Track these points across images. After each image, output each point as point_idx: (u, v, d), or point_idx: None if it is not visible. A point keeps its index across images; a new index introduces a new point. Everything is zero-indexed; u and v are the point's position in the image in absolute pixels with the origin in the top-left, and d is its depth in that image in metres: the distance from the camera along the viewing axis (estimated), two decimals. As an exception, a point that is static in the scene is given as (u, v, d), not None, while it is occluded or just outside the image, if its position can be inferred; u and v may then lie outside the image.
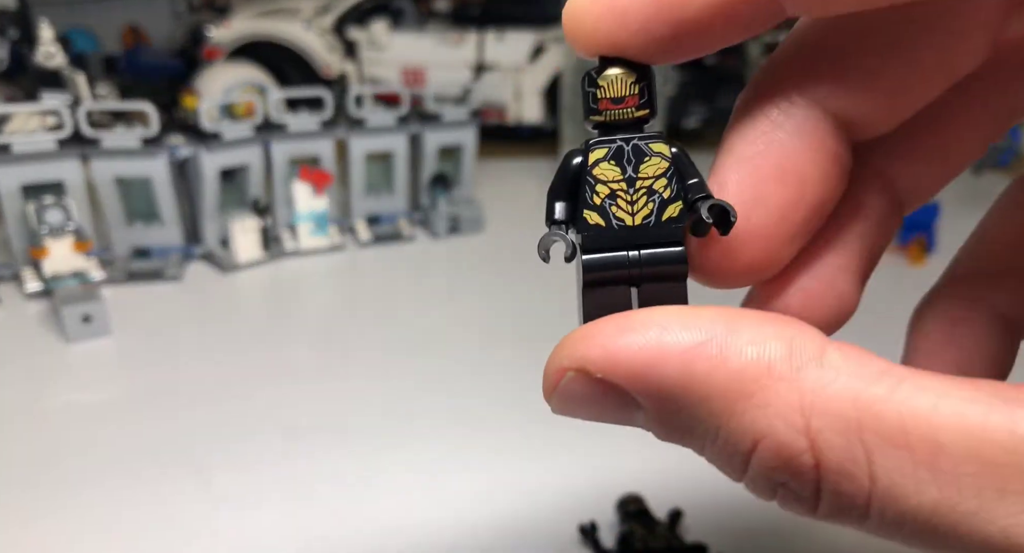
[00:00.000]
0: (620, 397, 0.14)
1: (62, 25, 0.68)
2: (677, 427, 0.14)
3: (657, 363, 0.13)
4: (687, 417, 0.13)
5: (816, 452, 0.12)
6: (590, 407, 0.14)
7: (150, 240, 0.57)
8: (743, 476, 0.13)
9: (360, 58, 0.83)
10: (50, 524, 0.33)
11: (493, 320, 0.51)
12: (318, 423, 0.40)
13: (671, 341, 0.13)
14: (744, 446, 0.13)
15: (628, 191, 0.15)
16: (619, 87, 0.15)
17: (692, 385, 0.13)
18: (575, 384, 0.14)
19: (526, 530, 0.33)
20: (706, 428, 0.13)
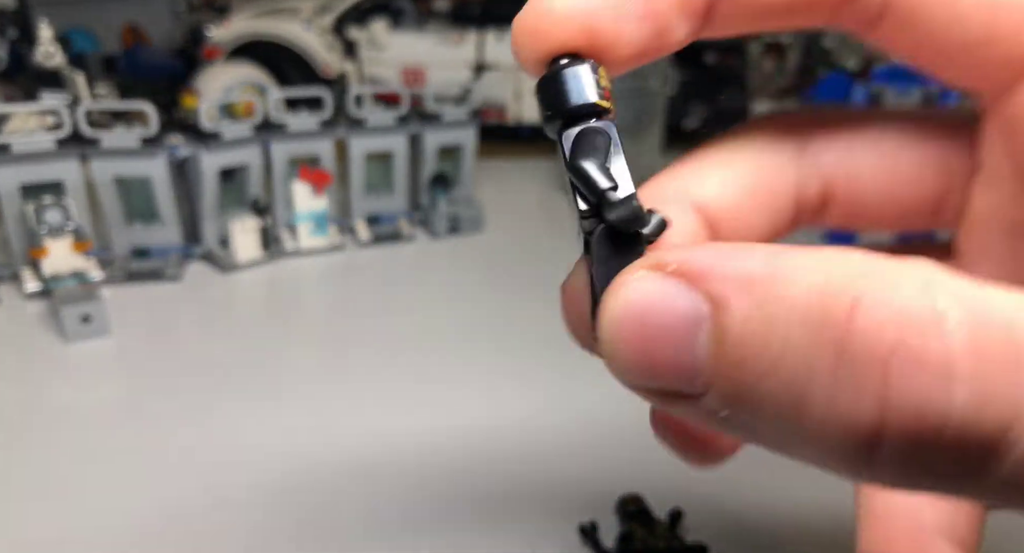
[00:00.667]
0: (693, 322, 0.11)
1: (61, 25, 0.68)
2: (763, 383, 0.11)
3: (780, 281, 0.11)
4: (791, 370, 0.10)
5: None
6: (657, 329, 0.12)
7: (149, 240, 0.57)
8: (865, 458, 0.10)
9: (360, 58, 0.83)
10: (48, 523, 0.33)
11: (493, 320, 0.51)
12: (318, 422, 0.40)
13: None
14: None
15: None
16: (605, 78, 0.15)
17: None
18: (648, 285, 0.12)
19: (526, 529, 0.33)
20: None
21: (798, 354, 0.10)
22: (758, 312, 0.11)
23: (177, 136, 0.56)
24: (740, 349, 0.11)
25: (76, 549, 0.32)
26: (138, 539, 0.32)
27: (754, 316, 0.11)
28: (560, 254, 0.60)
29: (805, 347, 0.10)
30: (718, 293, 0.11)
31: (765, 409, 0.11)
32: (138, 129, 0.54)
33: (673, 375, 0.12)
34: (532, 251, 0.62)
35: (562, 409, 0.41)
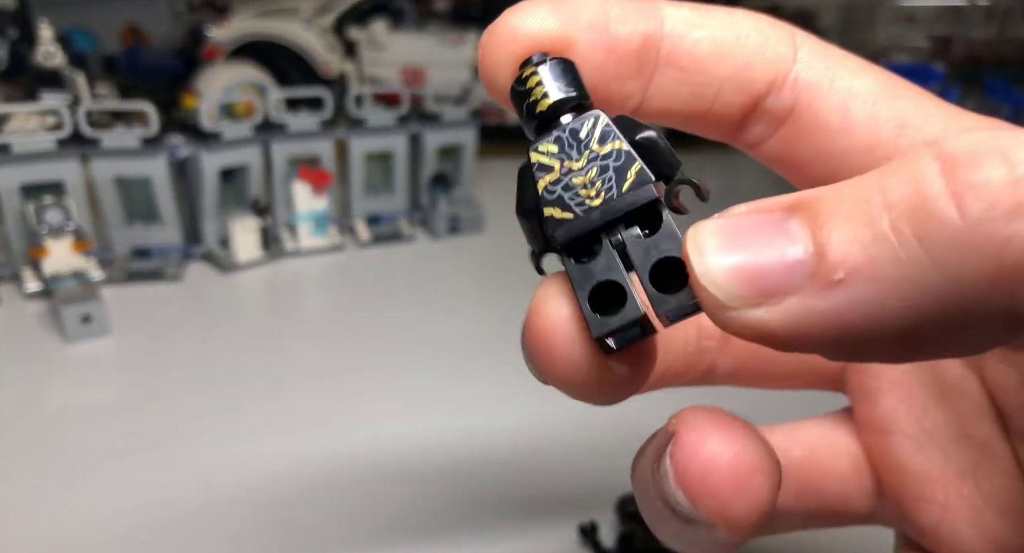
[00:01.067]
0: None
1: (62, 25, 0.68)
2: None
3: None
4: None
5: None
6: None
7: (150, 240, 0.57)
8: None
9: (360, 58, 0.83)
10: (48, 522, 0.33)
11: (493, 320, 0.51)
12: (318, 422, 0.40)
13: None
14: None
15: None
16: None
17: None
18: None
19: (526, 530, 0.33)
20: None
21: (903, 184, 0.11)
22: (839, 190, 0.12)
23: (177, 136, 0.56)
24: (837, 208, 0.12)
25: (76, 549, 0.32)
26: (138, 539, 0.32)
27: (837, 192, 0.12)
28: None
29: (908, 177, 0.11)
30: (790, 201, 0.12)
31: (886, 239, 0.11)
32: (138, 129, 0.54)
33: (778, 260, 0.12)
34: (532, 251, 0.62)
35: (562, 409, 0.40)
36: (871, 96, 0.16)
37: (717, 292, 0.12)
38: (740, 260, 0.12)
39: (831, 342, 0.12)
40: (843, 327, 0.11)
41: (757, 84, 0.16)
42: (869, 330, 0.11)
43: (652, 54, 0.16)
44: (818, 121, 0.16)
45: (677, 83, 0.16)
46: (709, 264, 0.12)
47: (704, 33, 0.16)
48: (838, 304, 0.11)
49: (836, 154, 0.16)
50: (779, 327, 0.12)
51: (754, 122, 0.17)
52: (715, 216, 0.13)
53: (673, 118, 0.17)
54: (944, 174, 0.11)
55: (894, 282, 0.11)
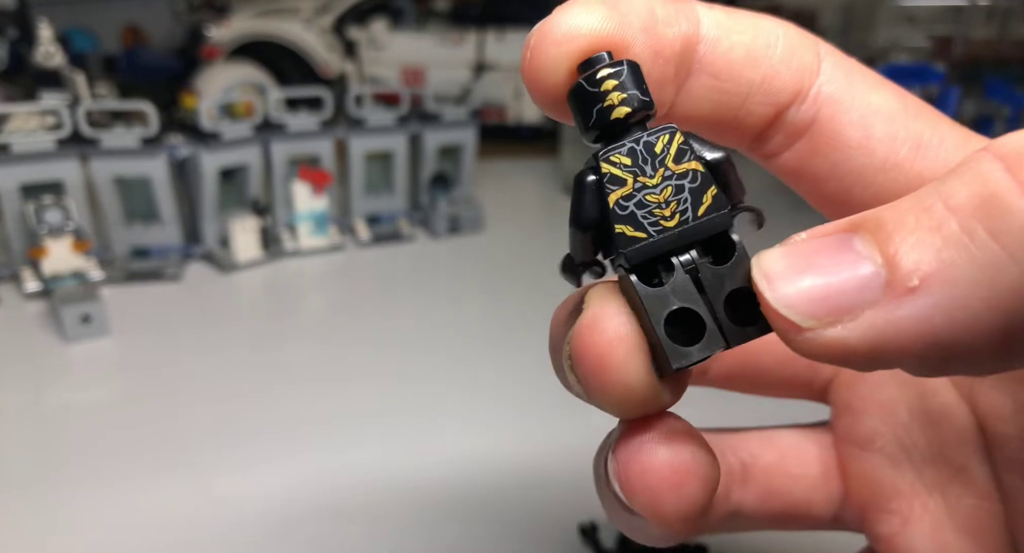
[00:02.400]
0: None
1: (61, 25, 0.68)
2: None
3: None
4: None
5: None
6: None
7: (149, 240, 0.57)
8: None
9: (360, 58, 0.83)
10: (49, 524, 0.33)
11: (493, 320, 0.51)
12: (318, 422, 0.40)
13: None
14: None
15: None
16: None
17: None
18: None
19: (526, 530, 0.33)
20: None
21: (967, 188, 0.11)
22: (902, 204, 0.12)
23: (177, 136, 0.56)
24: (904, 221, 0.12)
25: (75, 549, 0.32)
26: (137, 539, 0.32)
27: (899, 206, 0.12)
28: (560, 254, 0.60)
29: (971, 180, 0.11)
30: (854, 221, 0.12)
31: (959, 242, 0.11)
32: (138, 129, 0.54)
33: (850, 277, 0.12)
34: (532, 251, 0.62)
35: (562, 409, 0.41)
36: (890, 114, 0.16)
37: (792, 315, 0.12)
38: (811, 283, 0.12)
39: (915, 353, 0.11)
40: (925, 335, 0.11)
41: (783, 94, 0.16)
42: (954, 335, 0.11)
43: (690, 56, 0.15)
44: (838, 137, 0.16)
45: (708, 89, 0.16)
46: (780, 290, 0.12)
47: (738, 38, 0.16)
48: (918, 311, 0.11)
49: (853, 171, 0.16)
50: (859, 342, 0.12)
51: (774, 133, 0.17)
52: (777, 245, 0.13)
53: (697, 124, 0.17)
54: (1009, 170, 0.11)
55: (973, 282, 0.11)
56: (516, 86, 0.81)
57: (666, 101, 0.16)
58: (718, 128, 0.17)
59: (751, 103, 0.16)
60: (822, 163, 0.16)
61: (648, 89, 0.14)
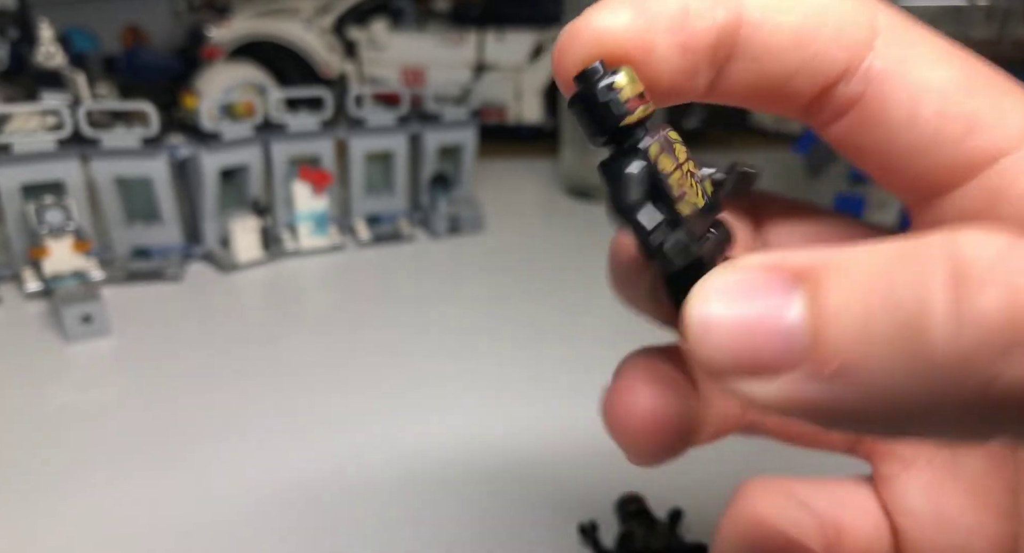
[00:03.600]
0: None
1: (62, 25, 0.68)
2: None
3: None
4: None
5: None
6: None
7: (150, 240, 0.57)
8: (990, 384, 0.10)
9: (360, 58, 0.83)
10: (49, 524, 0.33)
11: (493, 320, 0.51)
12: (318, 422, 0.40)
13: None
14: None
15: (684, 178, 0.15)
16: (635, 88, 0.15)
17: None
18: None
19: (526, 529, 0.33)
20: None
21: (908, 284, 0.11)
22: (848, 271, 0.11)
23: (178, 136, 0.56)
24: (840, 297, 0.11)
25: (75, 549, 0.32)
26: (138, 539, 0.32)
27: (845, 273, 0.11)
28: (560, 254, 0.61)
29: (913, 277, 0.11)
30: (800, 267, 0.12)
31: (879, 344, 0.11)
32: (139, 129, 0.54)
33: (774, 340, 0.12)
34: (532, 251, 0.62)
35: (562, 408, 0.41)
36: (944, 91, 0.15)
37: (713, 363, 0.12)
38: (740, 337, 0.12)
39: (816, 420, 0.12)
40: (829, 412, 0.12)
41: (830, 72, 0.16)
42: (854, 419, 0.12)
43: (727, 43, 0.16)
44: (883, 114, 0.16)
45: (750, 72, 0.16)
46: (709, 339, 0.12)
47: (783, 19, 0.15)
48: (827, 393, 0.12)
49: (897, 148, 0.16)
50: (768, 400, 0.12)
51: (822, 107, 0.17)
52: (726, 268, 0.13)
53: (736, 101, 0.17)
54: (948, 289, 0.10)
55: (882, 388, 0.11)
56: (516, 86, 0.81)
57: (700, 86, 0.16)
58: (760, 103, 0.17)
59: (795, 82, 0.16)
60: (867, 137, 0.16)
61: (644, 92, 0.15)
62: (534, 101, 0.82)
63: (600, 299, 0.56)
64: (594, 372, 0.46)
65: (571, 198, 0.72)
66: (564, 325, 0.49)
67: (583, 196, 0.72)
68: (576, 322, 0.50)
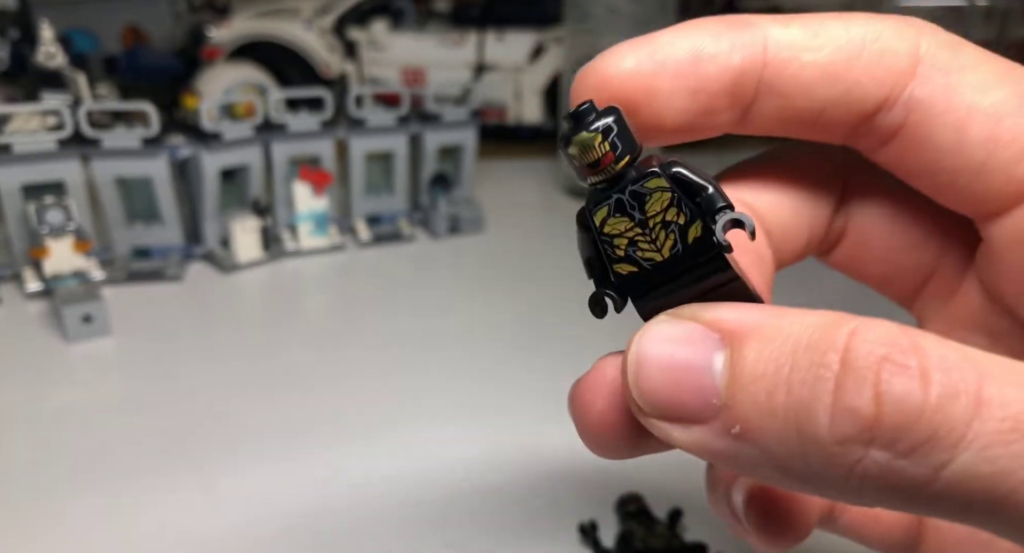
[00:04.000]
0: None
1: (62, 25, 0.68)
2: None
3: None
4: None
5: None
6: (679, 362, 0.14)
7: (150, 240, 0.57)
8: (860, 456, 0.12)
9: (360, 58, 0.83)
10: (49, 524, 0.33)
11: (493, 320, 0.51)
12: (318, 422, 0.40)
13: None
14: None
15: (645, 233, 0.15)
16: (591, 154, 0.15)
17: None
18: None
19: (526, 529, 0.33)
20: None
21: (806, 370, 0.13)
22: (767, 343, 0.13)
23: (178, 136, 0.56)
24: (754, 369, 0.13)
25: (75, 548, 0.32)
26: (138, 539, 0.32)
27: (764, 345, 0.13)
28: (560, 254, 0.61)
29: (811, 365, 0.13)
30: (730, 329, 0.14)
31: (776, 418, 0.13)
32: (139, 129, 0.54)
33: (695, 396, 0.14)
34: (532, 251, 0.62)
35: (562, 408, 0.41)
36: (995, 116, 0.15)
37: (641, 404, 0.14)
38: (667, 386, 0.14)
39: (723, 467, 0.15)
40: (733, 463, 0.14)
41: (866, 104, 0.16)
42: (753, 472, 0.14)
43: (749, 84, 0.16)
44: (929, 140, 0.16)
45: (778, 108, 0.16)
46: (642, 383, 0.14)
47: (811, 57, 0.16)
48: (732, 449, 0.13)
49: (945, 171, 0.16)
50: (682, 446, 0.14)
51: (862, 136, 0.17)
52: (669, 317, 0.15)
53: (770, 132, 0.17)
54: (836, 384, 0.12)
55: (773, 455, 0.13)
56: (516, 86, 0.81)
57: (725, 123, 0.16)
58: (798, 134, 0.17)
59: (829, 115, 0.16)
60: (914, 162, 0.16)
61: (632, 135, 0.15)
62: (534, 101, 0.82)
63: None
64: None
65: (571, 198, 0.72)
66: (564, 325, 0.49)
67: (583, 196, 0.72)
68: (576, 322, 0.50)
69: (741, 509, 0.19)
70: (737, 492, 0.19)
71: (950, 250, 0.19)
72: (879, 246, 0.19)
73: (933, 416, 0.12)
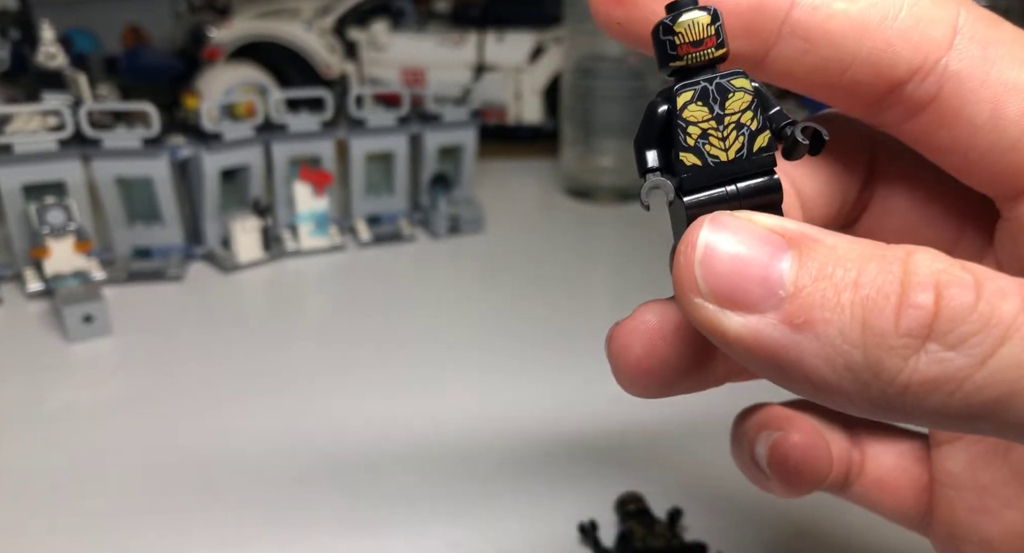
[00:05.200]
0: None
1: (63, 25, 0.68)
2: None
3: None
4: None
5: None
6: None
7: (151, 240, 0.57)
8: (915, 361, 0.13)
9: (360, 58, 0.83)
10: (50, 524, 0.33)
11: (493, 320, 0.51)
12: (319, 422, 0.40)
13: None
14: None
15: (718, 128, 0.15)
16: (697, 31, 0.15)
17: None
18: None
19: (526, 528, 0.33)
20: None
21: (874, 274, 0.13)
22: (831, 250, 0.14)
23: (178, 137, 0.56)
24: (822, 269, 0.13)
25: (75, 548, 0.32)
26: (138, 539, 0.33)
27: (829, 251, 0.14)
28: (560, 254, 0.61)
29: (878, 272, 0.13)
30: (793, 236, 0.14)
31: (843, 312, 0.13)
32: (140, 130, 0.54)
33: (760, 285, 0.14)
34: (532, 251, 0.62)
35: (562, 408, 0.41)
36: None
37: (700, 283, 0.14)
38: (731, 271, 0.14)
39: (760, 362, 0.14)
40: (778, 358, 0.14)
41: (897, 69, 0.15)
42: (793, 370, 0.14)
43: (771, 20, 0.16)
44: (963, 114, 0.16)
45: (800, 52, 0.16)
46: (708, 260, 0.14)
47: (843, 6, 0.15)
48: (784, 341, 0.13)
49: (978, 148, 0.16)
50: (734, 334, 0.14)
51: (890, 105, 0.16)
52: (741, 216, 0.14)
53: (793, 83, 0.17)
54: (901, 286, 0.13)
55: (831, 347, 0.13)
56: (516, 87, 0.82)
57: (743, 54, 0.16)
58: (817, 90, 0.17)
59: (854, 73, 0.16)
60: (945, 137, 0.16)
61: (726, 37, 0.15)
62: (534, 101, 0.82)
63: (600, 299, 0.56)
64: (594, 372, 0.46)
65: (571, 198, 0.72)
66: (564, 325, 0.49)
67: (583, 196, 0.72)
68: (576, 322, 0.50)
69: (764, 459, 0.20)
70: (760, 444, 0.20)
71: (969, 228, 0.19)
72: (901, 220, 0.19)
73: (983, 311, 0.12)
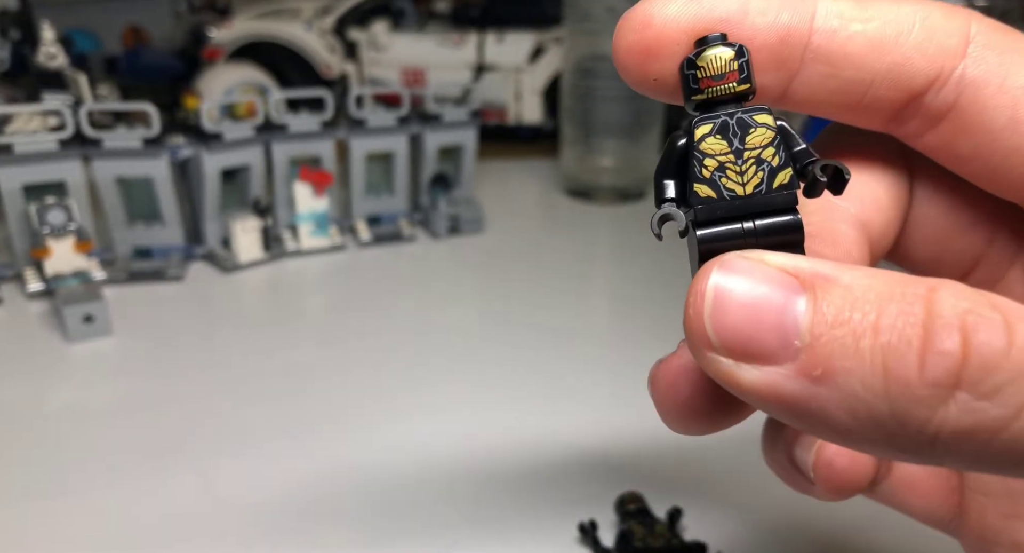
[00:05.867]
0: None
1: (63, 26, 0.68)
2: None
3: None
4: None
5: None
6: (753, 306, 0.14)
7: (151, 240, 0.57)
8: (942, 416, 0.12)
9: (360, 59, 0.83)
10: (50, 524, 0.33)
11: (493, 320, 0.51)
12: (319, 422, 0.40)
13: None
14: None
15: (736, 162, 0.15)
16: (719, 65, 0.15)
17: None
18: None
19: (526, 528, 0.33)
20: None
21: (894, 316, 0.12)
22: (848, 291, 0.13)
23: (179, 137, 0.57)
24: (839, 313, 0.13)
25: (76, 549, 0.32)
26: (138, 539, 0.33)
27: (846, 292, 0.13)
28: (560, 254, 0.61)
29: (898, 313, 0.12)
30: (807, 276, 0.13)
31: (863, 360, 0.12)
32: (140, 130, 0.54)
33: (775, 335, 0.13)
34: (532, 251, 0.62)
35: (561, 408, 0.41)
36: None
37: (712, 338, 0.14)
38: (743, 326, 0.13)
39: (781, 414, 0.13)
40: (798, 410, 0.13)
41: (916, 81, 0.16)
42: (816, 421, 0.13)
43: (796, 49, 0.16)
44: (981, 120, 0.16)
45: (824, 77, 0.16)
46: (718, 316, 0.14)
47: (860, 27, 0.16)
48: (804, 392, 0.13)
49: (999, 153, 0.16)
50: (748, 387, 0.13)
51: (910, 117, 0.16)
52: (751, 255, 0.14)
53: (816, 108, 0.17)
54: (924, 330, 0.12)
55: (854, 399, 0.13)
56: (516, 87, 0.82)
57: (771, 87, 0.16)
58: (840, 112, 0.17)
59: (877, 90, 0.16)
60: (965, 145, 0.16)
61: (751, 72, 0.15)
62: (534, 101, 0.82)
63: (600, 299, 0.56)
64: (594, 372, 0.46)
65: (571, 198, 0.72)
66: (564, 325, 0.49)
67: (583, 196, 0.72)
68: (576, 322, 0.50)
69: (806, 463, 0.19)
70: (801, 448, 0.19)
71: (999, 236, 0.19)
72: (931, 229, 0.19)
73: (1016, 359, 0.12)
